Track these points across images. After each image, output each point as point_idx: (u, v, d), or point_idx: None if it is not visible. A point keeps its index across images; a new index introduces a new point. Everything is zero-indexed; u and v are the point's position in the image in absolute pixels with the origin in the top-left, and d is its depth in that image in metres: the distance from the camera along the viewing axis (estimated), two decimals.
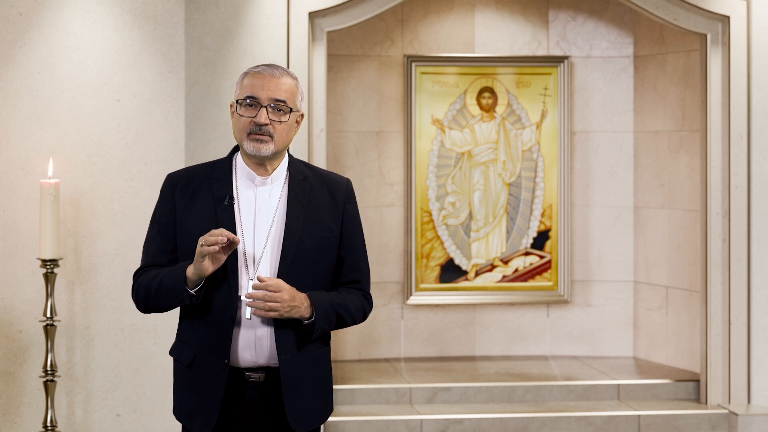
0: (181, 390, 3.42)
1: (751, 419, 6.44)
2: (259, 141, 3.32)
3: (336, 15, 6.36)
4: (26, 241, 5.85)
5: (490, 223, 7.63)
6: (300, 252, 3.31)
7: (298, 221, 3.34)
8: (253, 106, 3.32)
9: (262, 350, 3.31)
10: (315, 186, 3.41)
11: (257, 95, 3.32)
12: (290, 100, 3.35)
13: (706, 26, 6.60)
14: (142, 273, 3.42)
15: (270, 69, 3.35)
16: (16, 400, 5.89)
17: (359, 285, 3.46)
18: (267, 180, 3.37)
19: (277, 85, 3.33)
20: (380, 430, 6.35)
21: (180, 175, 3.44)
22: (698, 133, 6.98)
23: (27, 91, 5.86)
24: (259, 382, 3.33)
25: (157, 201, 3.45)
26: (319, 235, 3.36)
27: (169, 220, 3.39)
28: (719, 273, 6.58)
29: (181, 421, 3.42)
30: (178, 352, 3.42)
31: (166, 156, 5.94)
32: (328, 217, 3.39)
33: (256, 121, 3.31)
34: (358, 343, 7.55)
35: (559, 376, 7.06)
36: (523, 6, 7.64)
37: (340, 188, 3.44)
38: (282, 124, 3.33)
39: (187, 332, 3.40)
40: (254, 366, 3.32)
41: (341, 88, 7.48)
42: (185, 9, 5.98)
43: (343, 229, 3.42)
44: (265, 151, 3.32)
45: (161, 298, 3.33)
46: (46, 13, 5.85)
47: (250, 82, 3.34)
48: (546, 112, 7.64)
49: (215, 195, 3.36)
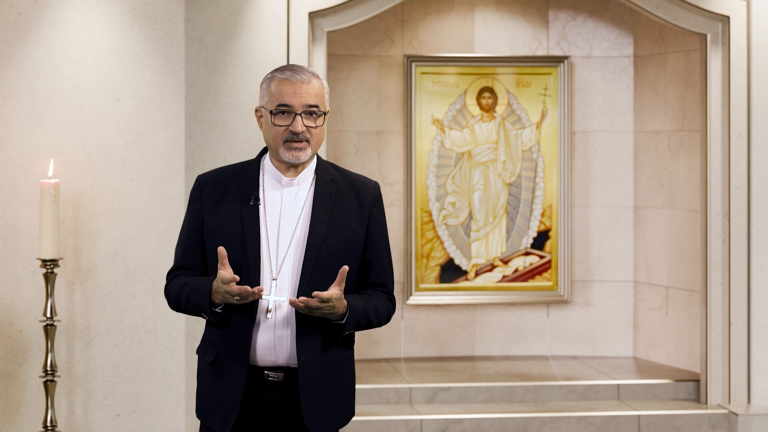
0: (202, 388, 3.44)
1: (751, 419, 6.44)
2: (298, 149, 3.33)
3: (336, 15, 6.37)
4: (26, 241, 5.85)
5: (490, 223, 7.63)
6: (324, 254, 3.32)
7: (323, 223, 3.35)
8: (287, 114, 3.32)
9: (282, 350, 3.32)
10: (342, 188, 3.41)
11: (290, 103, 3.32)
12: (321, 104, 3.36)
13: (706, 26, 6.60)
14: (173, 278, 3.46)
15: (298, 75, 3.33)
16: (16, 400, 5.89)
17: (385, 289, 3.47)
18: (294, 181, 3.38)
19: (308, 90, 3.32)
20: (380, 430, 6.35)
21: (209, 176, 3.46)
22: (698, 133, 6.98)
23: (27, 91, 5.86)
24: (278, 381, 3.34)
25: (188, 203, 3.48)
26: (344, 237, 3.36)
27: (197, 222, 3.41)
28: (719, 273, 6.58)
29: (201, 419, 3.44)
30: (203, 350, 3.45)
31: (166, 156, 5.94)
32: (353, 220, 3.39)
33: (293, 129, 3.31)
34: (359, 343, 7.54)
35: (559, 376, 7.06)
36: (523, 6, 7.64)
37: (367, 191, 3.44)
38: (317, 128, 3.35)
39: (212, 332, 3.43)
40: (274, 366, 3.34)
41: (341, 88, 7.48)
42: (185, 9, 5.98)
43: (369, 233, 3.42)
44: (304, 158, 3.34)
45: (190, 310, 3.40)
46: (46, 13, 5.85)
47: (278, 89, 3.33)
48: (546, 112, 7.64)
49: (242, 196, 3.37)
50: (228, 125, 6.01)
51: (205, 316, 3.36)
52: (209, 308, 3.30)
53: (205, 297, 3.31)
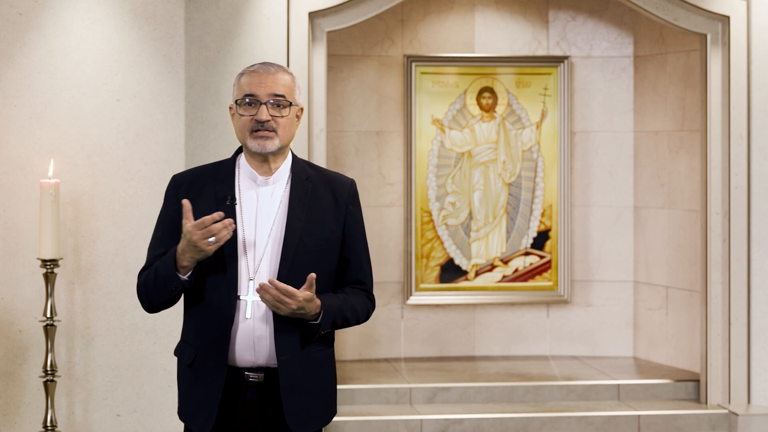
0: (182, 390, 3.43)
1: (751, 419, 6.44)
2: (264, 138, 3.32)
3: (336, 15, 6.36)
4: (26, 241, 5.85)
5: (490, 223, 7.63)
6: (301, 253, 3.31)
7: (299, 222, 3.33)
8: (253, 104, 3.33)
9: (262, 350, 3.31)
10: (318, 186, 3.41)
11: (256, 92, 3.32)
12: (289, 95, 3.35)
13: (706, 26, 6.60)
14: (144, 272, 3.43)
15: (266, 66, 3.35)
16: (16, 400, 5.89)
17: (364, 286, 3.46)
18: (269, 180, 3.37)
19: (274, 80, 3.33)
20: (380, 430, 6.35)
21: (184, 176, 3.45)
22: (698, 133, 6.98)
23: (27, 91, 5.86)
24: (259, 382, 3.32)
25: (163, 202, 3.45)
26: (321, 236, 3.35)
27: (173, 220, 3.39)
28: (719, 273, 6.58)
29: (183, 421, 3.42)
30: (181, 351, 3.43)
31: (166, 156, 5.94)
32: (330, 218, 3.38)
33: (258, 118, 3.31)
34: (358, 343, 7.54)
35: (559, 376, 7.06)
36: (523, 6, 7.64)
37: (343, 189, 3.43)
38: (284, 118, 3.34)
39: (189, 332, 3.41)
40: (254, 366, 3.32)
41: (341, 88, 7.48)
42: (185, 9, 5.98)
43: (346, 231, 3.41)
44: (271, 147, 3.33)
45: (159, 290, 3.33)
46: (46, 13, 5.85)
47: (247, 81, 3.34)
48: (546, 112, 7.64)
49: (218, 195, 3.36)
50: (228, 125, 6.01)
51: (175, 289, 3.29)
52: (176, 275, 3.24)
53: (171, 266, 3.26)
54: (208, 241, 3.19)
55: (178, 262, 3.26)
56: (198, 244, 3.20)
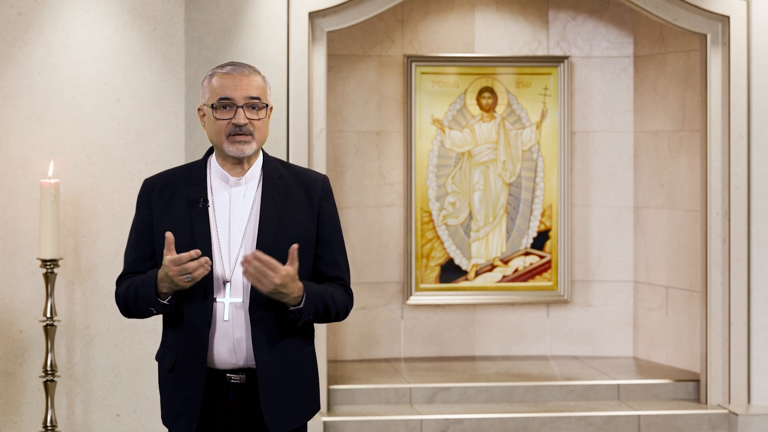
0: (164, 395, 3.42)
1: (751, 419, 6.44)
2: (242, 142, 3.31)
3: (336, 15, 6.37)
4: (26, 241, 5.85)
5: (490, 223, 7.63)
6: (275, 252, 3.27)
7: (272, 221, 3.32)
8: (228, 107, 3.30)
9: (241, 352, 3.30)
10: (290, 184, 3.39)
11: (231, 96, 3.30)
12: (263, 96, 3.34)
13: (706, 26, 6.60)
14: (122, 282, 3.42)
15: (239, 69, 3.33)
16: (16, 400, 5.89)
17: (342, 282, 3.44)
18: (241, 180, 3.36)
19: (249, 82, 3.31)
20: (380, 430, 6.35)
21: (156, 179, 3.43)
22: (698, 133, 6.98)
23: (27, 91, 5.86)
24: (240, 383, 3.31)
25: (136, 208, 3.44)
26: (295, 233, 3.33)
27: (146, 225, 3.39)
28: (719, 273, 6.58)
29: (167, 426, 3.42)
30: (162, 356, 3.42)
31: (166, 156, 5.94)
32: (303, 216, 3.37)
33: (236, 122, 3.30)
34: (358, 343, 7.54)
35: (559, 376, 7.06)
36: (523, 6, 7.64)
37: (315, 185, 3.41)
38: (260, 120, 3.33)
39: (169, 337, 3.40)
40: (234, 368, 3.31)
41: (341, 88, 7.48)
42: (185, 9, 5.98)
43: (320, 227, 3.39)
44: (249, 151, 3.32)
45: (139, 308, 3.35)
46: (46, 13, 5.86)
47: (219, 83, 3.32)
48: (546, 112, 7.64)
49: (190, 198, 3.35)
50: None
51: (154, 311, 3.30)
52: (156, 299, 3.25)
53: (152, 289, 3.26)
54: (182, 278, 3.19)
55: (158, 287, 3.26)
56: (174, 279, 3.20)
